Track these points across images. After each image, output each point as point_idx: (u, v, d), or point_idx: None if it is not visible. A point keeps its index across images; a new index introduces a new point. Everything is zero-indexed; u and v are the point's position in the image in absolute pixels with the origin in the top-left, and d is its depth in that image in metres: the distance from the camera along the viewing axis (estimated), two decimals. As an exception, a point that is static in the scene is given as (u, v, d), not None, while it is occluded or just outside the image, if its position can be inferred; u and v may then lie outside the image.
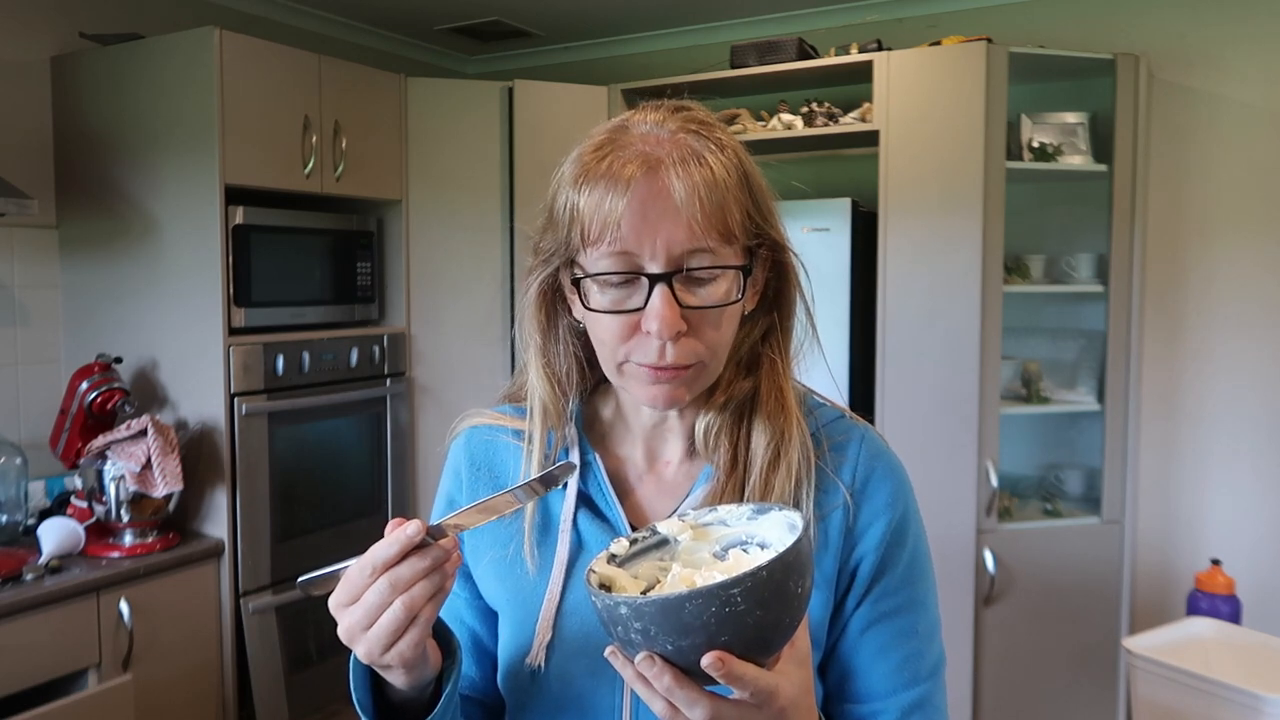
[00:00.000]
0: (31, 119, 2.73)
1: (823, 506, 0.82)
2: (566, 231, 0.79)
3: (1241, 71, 2.82)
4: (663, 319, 0.74)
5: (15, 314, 2.72)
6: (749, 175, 0.78)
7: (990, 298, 2.70)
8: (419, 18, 3.57)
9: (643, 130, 0.78)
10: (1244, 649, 1.43)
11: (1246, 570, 2.70)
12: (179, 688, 2.46)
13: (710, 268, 0.76)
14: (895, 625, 0.83)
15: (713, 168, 0.75)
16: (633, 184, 0.74)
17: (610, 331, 0.78)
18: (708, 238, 0.75)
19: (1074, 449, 3.08)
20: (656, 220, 0.74)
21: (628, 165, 0.75)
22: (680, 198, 0.73)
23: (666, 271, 0.75)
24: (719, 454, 0.83)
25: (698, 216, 0.74)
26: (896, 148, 2.79)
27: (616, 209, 0.74)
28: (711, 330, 0.77)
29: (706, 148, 0.76)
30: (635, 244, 0.75)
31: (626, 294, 0.77)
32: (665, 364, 0.76)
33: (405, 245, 3.15)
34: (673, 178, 0.74)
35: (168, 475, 2.41)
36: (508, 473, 0.90)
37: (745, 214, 0.77)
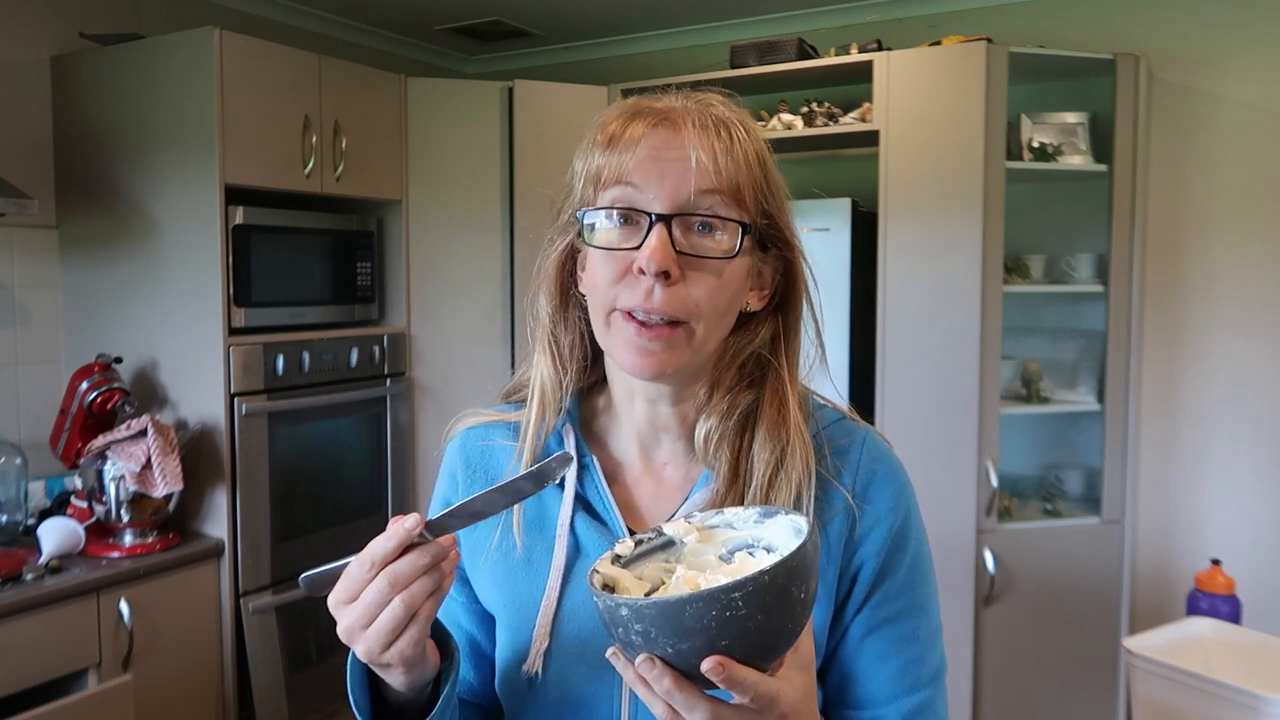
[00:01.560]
0: (31, 119, 2.73)
1: (824, 512, 0.81)
2: (581, 188, 0.80)
3: (1241, 71, 2.82)
4: (654, 253, 0.74)
5: (15, 314, 2.72)
6: (766, 163, 0.79)
7: (990, 298, 2.70)
8: (419, 18, 3.57)
9: (666, 101, 0.80)
10: (1244, 649, 1.43)
11: (1246, 570, 2.70)
12: (179, 688, 2.46)
13: (712, 216, 0.76)
14: (896, 630, 0.82)
15: (732, 138, 0.77)
16: (647, 135, 0.76)
17: (604, 273, 0.78)
18: (715, 190, 0.76)
19: (1074, 449, 3.08)
20: (666, 165, 0.76)
21: (644, 122, 0.77)
22: (693, 148, 0.75)
23: (667, 213, 0.75)
24: (720, 464, 0.82)
25: (709, 168, 0.75)
26: (896, 148, 2.79)
27: (628, 156, 0.76)
28: (704, 285, 0.77)
29: (730, 121, 0.78)
30: (642, 184, 0.76)
31: (626, 235, 0.77)
32: (650, 307, 0.75)
33: (405, 245, 3.15)
34: (689, 132, 0.76)
35: (168, 475, 2.41)
36: (503, 473, 0.89)
37: (757, 193, 0.78)
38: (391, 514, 3.09)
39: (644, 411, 0.86)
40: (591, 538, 0.83)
